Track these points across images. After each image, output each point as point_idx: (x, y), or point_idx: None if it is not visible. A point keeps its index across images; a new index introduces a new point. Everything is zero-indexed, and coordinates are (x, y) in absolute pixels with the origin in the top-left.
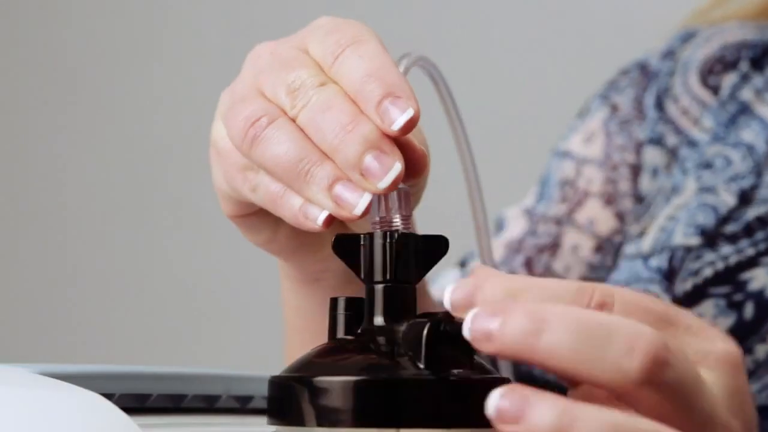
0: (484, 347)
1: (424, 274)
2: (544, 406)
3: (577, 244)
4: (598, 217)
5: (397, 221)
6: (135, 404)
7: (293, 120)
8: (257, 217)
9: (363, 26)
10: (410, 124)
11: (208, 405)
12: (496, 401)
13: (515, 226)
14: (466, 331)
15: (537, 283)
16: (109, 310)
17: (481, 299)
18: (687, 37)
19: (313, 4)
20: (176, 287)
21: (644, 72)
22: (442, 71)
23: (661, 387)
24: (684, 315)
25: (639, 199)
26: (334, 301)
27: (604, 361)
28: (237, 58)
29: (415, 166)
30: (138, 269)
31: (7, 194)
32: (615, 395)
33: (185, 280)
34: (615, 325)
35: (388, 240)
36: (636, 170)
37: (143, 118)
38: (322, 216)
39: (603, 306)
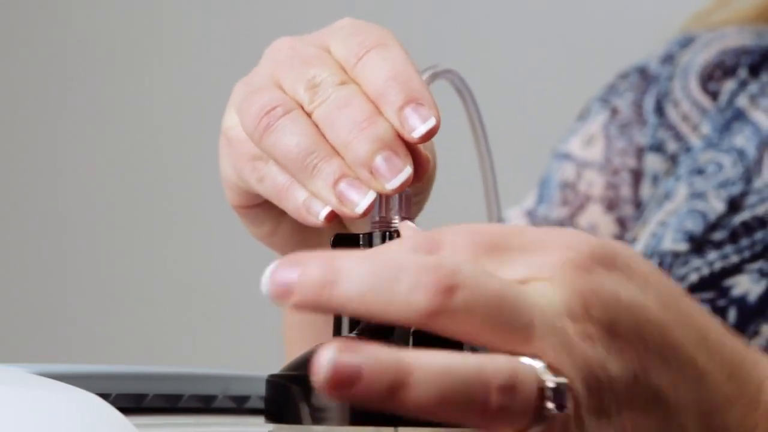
0: (285, 302)
1: None
2: (372, 364)
3: None
4: (599, 222)
5: (396, 222)
6: (131, 404)
7: (309, 115)
8: (261, 209)
9: (387, 31)
10: (431, 133)
11: (205, 405)
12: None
13: None
14: (264, 286)
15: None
16: (106, 310)
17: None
18: (686, 42)
19: (316, 8)
20: (173, 287)
21: (643, 76)
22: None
23: (455, 312)
24: (518, 235)
25: (639, 205)
26: None
27: (393, 301)
28: (237, 62)
29: (417, 171)
30: (134, 269)
31: (6, 194)
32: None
33: (182, 281)
34: (404, 264)
35: (385, 240)
36: (637, 175)
37: (143, 118)
38: (324, 211)
39: (433, 250)
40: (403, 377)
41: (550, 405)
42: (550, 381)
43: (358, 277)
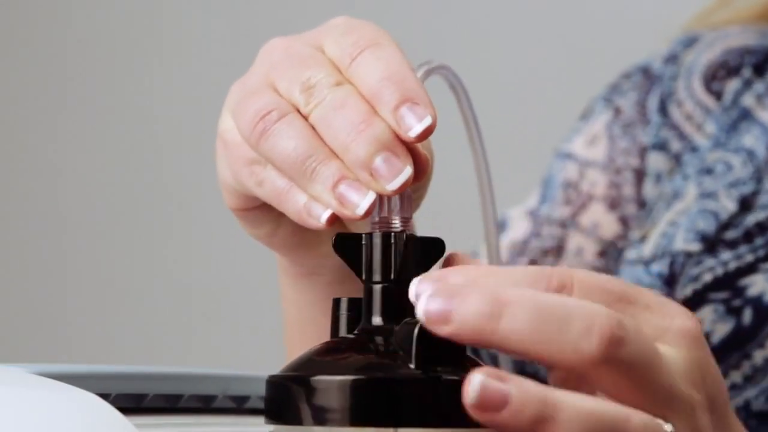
0: (440, 329)
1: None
2: (521, 392)
3: (581, 248)
4: (602, 221)
5: (397, 222)
6: (131, 404)
7: (305, 117)
8: (260, 211)
9: (381, 29)
10: (427, 132)
11: (205, 405)
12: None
13: (518, 227)
14: (420, 312)
15: (496, 270)
16: (106, 310)
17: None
18: (689, 41)
19: (317, 7)
20: (173, 287)
21: (647, 76)
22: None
23: (618, 365)
24: (642, 293)
25: (642, 204)
26: (336, 302)
27: (561, 342)
28: (236, 61)
29: (417, 170)
30: (134, 269)
31: (5, 194)
32: (574, 376)
33: (182, 281)
34: (572, 307)
35: (386, 240)
36: (640, 175)
37: (143, 118)
38: (325, 214)
39: (562, 288)
40: (551, 411)
41: None
42: None
43: (527, 312)
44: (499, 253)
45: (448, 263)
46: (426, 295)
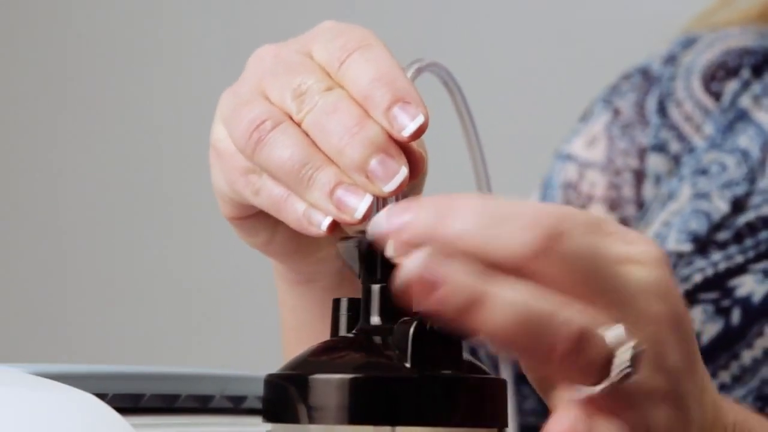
0: (399, 238)
1: None
2: (456, 276)
3: None
4: None
5: None
6: (128, 404)
7: (298, 124)
8: (256, 220)
9: (368, 31)
10: (420, 131)
11: (202, 405)
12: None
13: None
14: (373, 230)
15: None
16: (103, 310)
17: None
18: (688, 42)
19: (314, 7)
20: (170, 288)
21: (646, 76)
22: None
23: (557, 258)
24: (608, 222)
25: (642, 205)
26: (336, 302)
27: (502, 236)
28: (236, 60)
29: (412, 169)
30: (132, 270)
31: (3, 194)
32: (519, 276)
33: (179, 281)
34: (519, 208)
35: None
36: (639, 176)
37: (142, 118)
38: (326, 221)
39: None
40: (482, 296)
41: (624, 365)
42: (629, 344)
43: (471, 212)
44: None
45: None
46: (388, 208)
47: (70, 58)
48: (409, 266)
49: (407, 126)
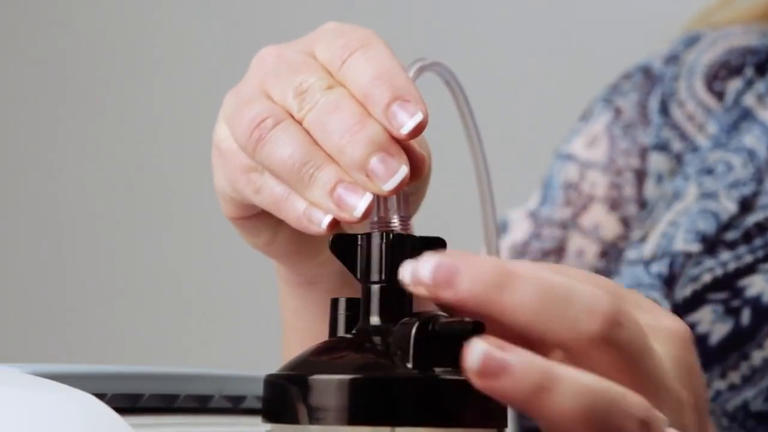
0: (443, 293)
1: None
2: (523, 362)
3: (582, 249)
4: (602, 222)
5: (395, 222)
6: (127, 404)
7: (300, 122)
8: (258, 220)
9: (370, 31)
10: (419, 128)
11: (201, 405)
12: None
13: (519, 229)
14: (426, 271)
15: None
16: (102, 310)
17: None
18: (691, 41)
19: (316, 8)
20: (169, 287)
21: (648, 76)
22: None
23: (615, 346)
24: (633, 294)
25: (643, 204)
26: (335, 302)
27: (564, 319)
28: (237, 61)
29: (413, 169)
30: (131, 269)
31: (2, 194)
32: (569, 356)
33: (178, 281)
34: (576, 287)
35: (385, 240)
36: (641, 175)
37: (141, 118)
38: (326, 220)
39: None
40: (550, 382)
41: None
42: None
43: (532, 285)
44: (499, 252)
45: None
46: (431, 258)
47: (70, 58)
48: (473, 353)
49: (406, 123)
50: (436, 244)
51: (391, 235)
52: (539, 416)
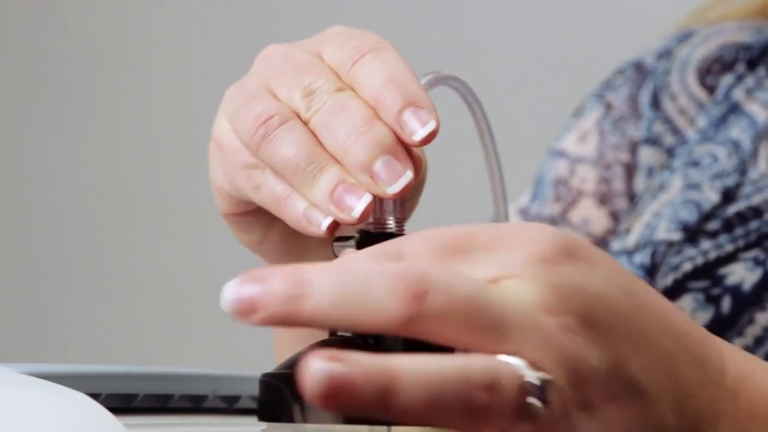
0: (250, 319)
1: None
2: (367, 368)
3: None
4: (592, 216)
5: (391, 224)
6: (121, 404)
7: (305, 123)
8: (252, 217)
9: (380, 36)
10: (431, 137)
11: (195, 405)
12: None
13: None
14: (225, 304)
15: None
16: (96, 310)
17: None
18: (684, 36)
19: (317, 13)
20: (164, 287)
21: (640, 70)
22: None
23: (433, 317)
24: (480, 234)
25: (633, 198)
26: None
27: (364, 308)
28: (234, 62)
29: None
30: (125, 269)
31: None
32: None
33: (172, 281)
34: (372, 273)
35: (380, 241)
36: (630, 169)
37: (139, 119)
38: (325, 222)
39: (397, 258)
40: (390, 383)
41: (533, 401)
42: (532, 377)
43: (327, 288)
44: None
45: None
46: (229, 285)
47: (69, 58)
48: (310, 376)
49: (418, 131)
50: None
51: (386, 236)
52: (391, 419)
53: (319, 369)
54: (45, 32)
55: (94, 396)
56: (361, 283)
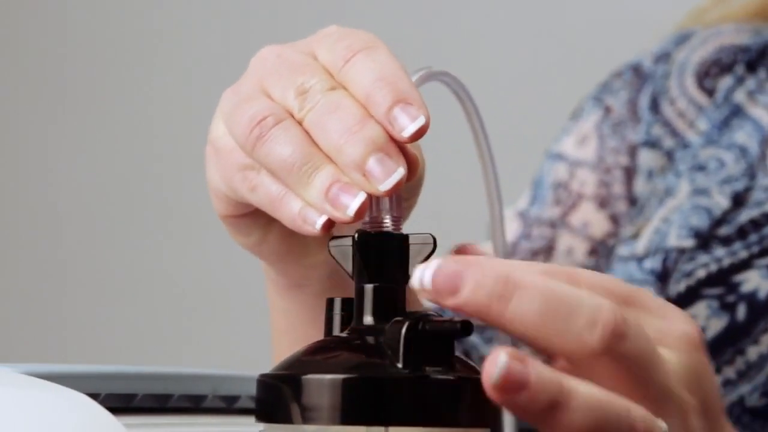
0: (446, 300)
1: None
2: (540, 377)
3: (572, 248)
4: (591, 220)
5: (388, 222)
6: (121, 404)
7: (299, 122)
8: (250, 219)
9: (372, 35)
10: (420, 132)
11: (195, 405)
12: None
13: (509, 229)
14: (428, 278)
15: (508, 261)
16: (96, 310)
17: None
18: (682, 39)
19: (314, 13)
20: (163, 287)
21: (638, 74)
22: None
23: (618, 358)
24: (644, 296)
25: (633, 201)
26: (330, 302)
27: (566, 331)
28: (232, 63)
29: (407, 170)
30: (124, 269)
31: None
32: (572, 367)
33: (172, 281)
34: (580, 298)
35: (377, 240)
36: (630, 173)
37: (138, 119)
38: (320, 221)
39: (571, 284)
40: (564, 398)
41: None
42: None
43: (536, 299)
44: (507, 247)
45: (459, 253)
46: (434, 264)
47: (69, 58)
48: (494, 366)
49: (407, 127)
50: (427, 242)
51: (383, 235)
52: (548, 430)
53: (502, 362)
54: (45, 32)
55: (94, 396)
56: (569, 304)
